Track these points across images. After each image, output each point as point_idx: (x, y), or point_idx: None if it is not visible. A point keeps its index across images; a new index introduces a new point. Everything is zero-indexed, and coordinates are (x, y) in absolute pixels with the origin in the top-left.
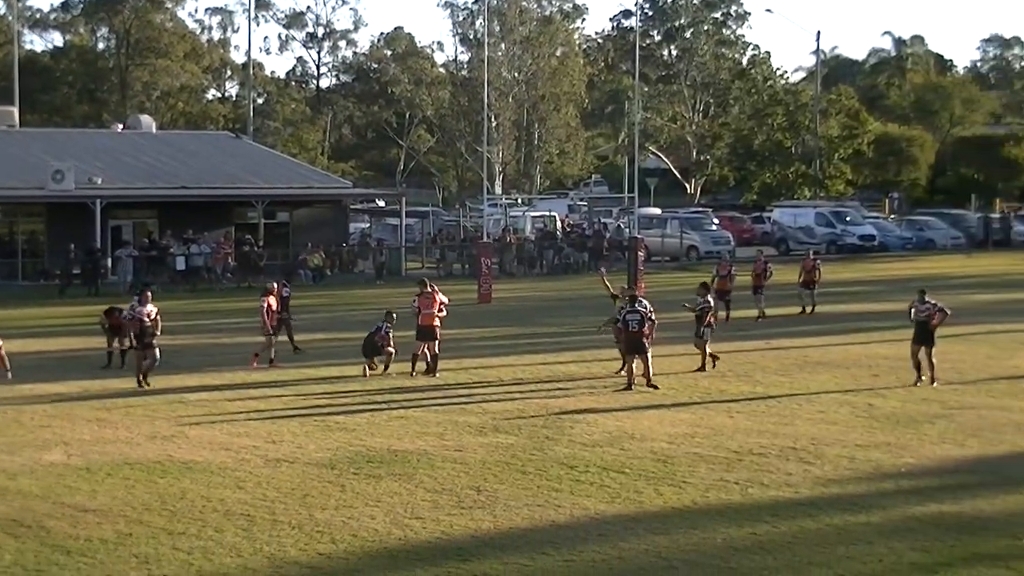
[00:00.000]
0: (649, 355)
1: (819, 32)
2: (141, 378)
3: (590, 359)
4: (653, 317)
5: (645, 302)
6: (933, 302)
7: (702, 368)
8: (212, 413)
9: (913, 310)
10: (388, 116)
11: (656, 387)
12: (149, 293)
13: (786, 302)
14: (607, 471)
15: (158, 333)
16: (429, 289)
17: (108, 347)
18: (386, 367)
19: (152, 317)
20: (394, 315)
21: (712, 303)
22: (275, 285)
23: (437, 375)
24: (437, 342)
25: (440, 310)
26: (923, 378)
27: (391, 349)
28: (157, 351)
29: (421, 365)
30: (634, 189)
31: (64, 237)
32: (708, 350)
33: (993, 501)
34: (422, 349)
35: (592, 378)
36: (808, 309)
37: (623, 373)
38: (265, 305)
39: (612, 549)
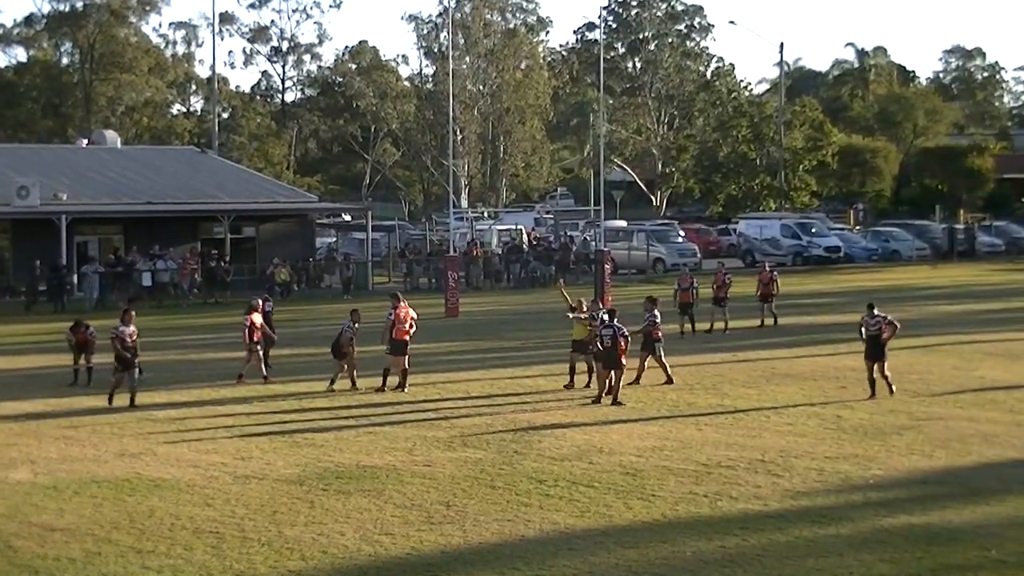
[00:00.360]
0: (623, 372)
1: (782, 44)
2: (112, 395)
3: (558, 373)
4: (626, 333)
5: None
6: (883, 315)
7: (669, 381)
8: (180, 430)
9: (863, 326)
10: (353, 130)
11: (622, 404)
12: (132, 313)
13: (749, 314)
14: (576, 485)
15: (138, 353)
16: (402, 303)
17: (74, 364)
18: (353, 383)
19: (134, 338)
20: (358, 313)
21: (658, 316)
22: (259, 301)
23: (406, 390)
24: (407, 356)
25: (411, 326)
26: (876, 395)
27: (349, 352)
28: (137, 370)
29: (393, 380)
30: (600, 202)
31: (29, 253)
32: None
33: (961, 512)
34: (402, 365)
35: (560, 392)
36: (769, 321)
37: (591, 386)
38: (248, 322)
39: (582, 563)
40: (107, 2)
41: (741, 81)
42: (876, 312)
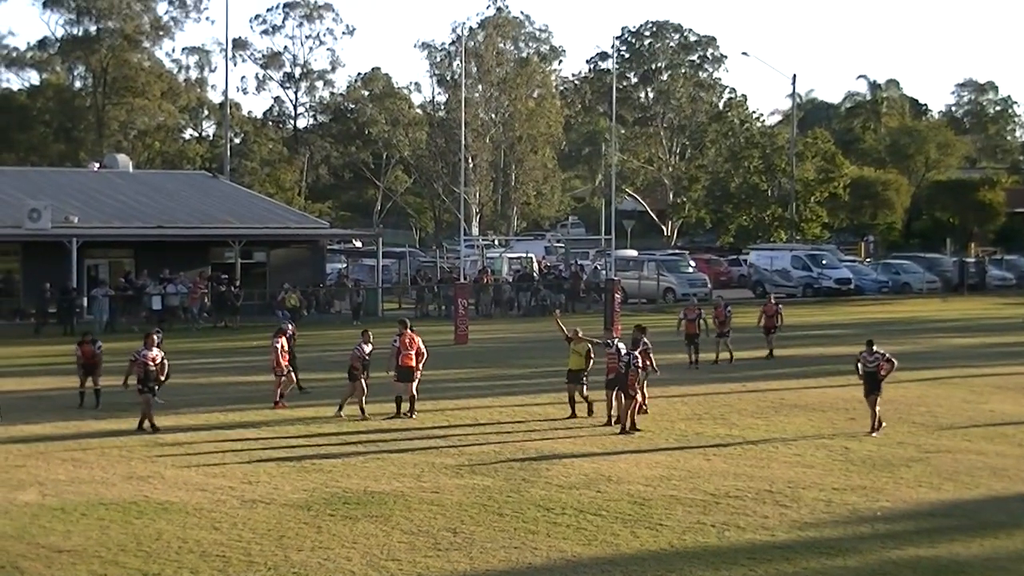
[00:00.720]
0: (636, 400)
1: (795, 75)
2: (146, 422)
3: (567, 401)
4: (638, 364)
5: (620, 344)
6: (881, 352)
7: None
8: (188, 454)
9: (860, 363)
10: (365, 156)
11: (632, 432)
12: (155, 336)
13: (756, 345)
14: (583, 513)
15: (163, 378)
16: (408, 331)
17: (81, 386)
18: (361, 411)
19: (157, 361)
20: (369, 333)
21: (649, 345)
22: (288, 325)
23: (414, 416)
24: (415, 383)
25: (419, 355)
26: (880, 429)
27: (358, 373)
28: (153, 395)
29: (405, 406)
30: (611, 231)
31: (40, 276)
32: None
33: (969, 545)
34: (410, 391)
35: (569, 420)
36: (767, 353)
37: (592, 416)
38: (279, 345)
39: None
40: (120, 27)
41: (753, 112)
42: (875, 349)
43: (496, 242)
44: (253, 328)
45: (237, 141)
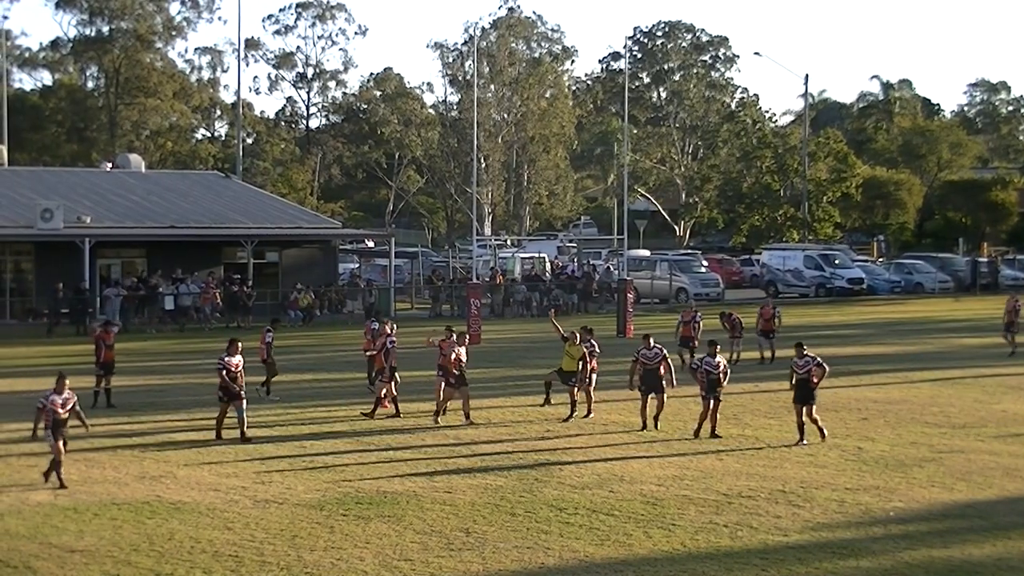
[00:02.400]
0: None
1: (807, 75)
2: (52, 475)
3: (579, 401)
4: (666, 354)
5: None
6: (812, 356)
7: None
8: (200, 453)
9: (792, 369)
10: (377, 156)
11: (715, 437)
12: (239, 344)
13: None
14: (596, 513)
15: (243, 385)
16: (455, 338)
17: (97, 386)
18: (396, 408)
19: (239, 368)
20: (392, 324)
21: (596, 347)
22: (270, 333)
23: (438, 421)
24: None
25: (455, 362)
26: (806, 441)
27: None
28: (245, 401)
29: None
30: (623, 231)
31: (52, 276)
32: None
33: (982, 546)
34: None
35: (580, 419)
36: (767, 354)
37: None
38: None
39: None
40: (133, 27)
41: (766, 112)
42: (805, 352)
43: (508, 242)
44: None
45: (249, 141)
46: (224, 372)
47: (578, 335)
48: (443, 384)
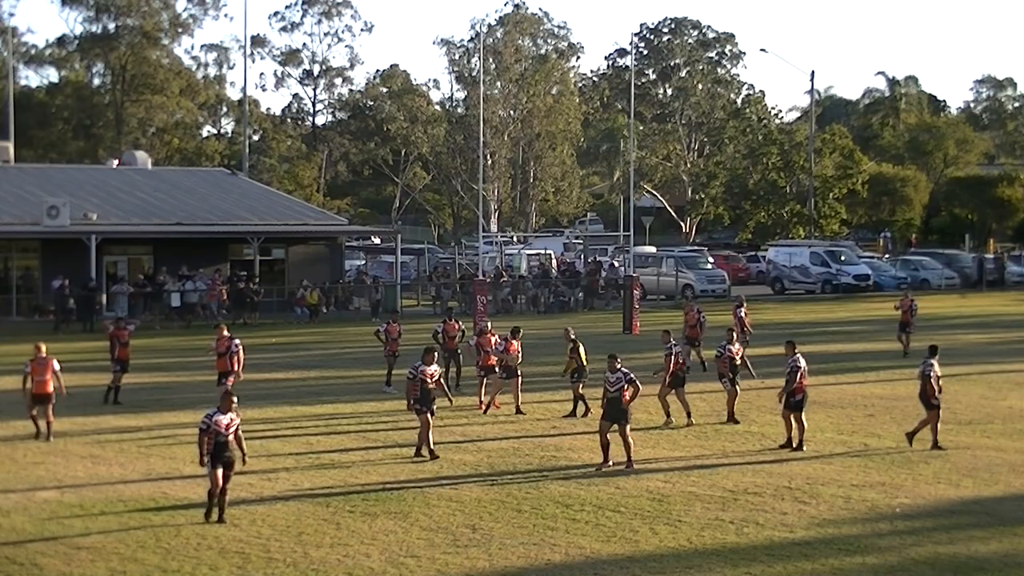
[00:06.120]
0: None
1: (813, 72)
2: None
3: (588, 398)
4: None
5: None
6: (625, 371)
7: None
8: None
9: (605, 385)
10: (384, 153)
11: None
12: (435, 354)
13: (769, 342)
14: (602, 510)
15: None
16: (488, 334)
17: (113, 383)
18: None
19: (435, 378)
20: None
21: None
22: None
23: (485, 410)
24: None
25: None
26: (610, 463)
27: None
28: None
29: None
30: (629, 227)
31: (59, 273)
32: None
33: (988, 542)
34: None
35: (585, 417)
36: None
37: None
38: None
39: None
40: (139, 24)
41: (772, 109)
42: (619, 366)
43: (515, 239)
44: (272, 325)
45: (256, 138)
46: (420, 383)
47: (575, 338)
48: (486, 380)
